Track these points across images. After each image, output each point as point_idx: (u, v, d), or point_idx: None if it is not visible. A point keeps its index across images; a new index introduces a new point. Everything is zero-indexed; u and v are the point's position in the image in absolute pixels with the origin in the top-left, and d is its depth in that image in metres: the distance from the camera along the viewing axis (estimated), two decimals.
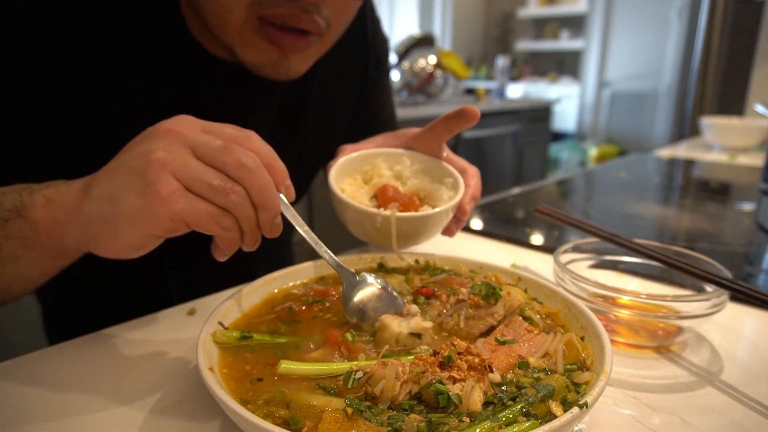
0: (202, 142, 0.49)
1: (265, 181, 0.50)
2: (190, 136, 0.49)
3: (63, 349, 0.62)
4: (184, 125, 0.50)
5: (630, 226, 1.19)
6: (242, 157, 0.49)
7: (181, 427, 0.48)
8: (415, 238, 0.76)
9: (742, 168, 1.95)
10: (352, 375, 0.45)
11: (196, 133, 0.50)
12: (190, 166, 0.48)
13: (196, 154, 0.49)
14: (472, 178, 0.78)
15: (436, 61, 3.68)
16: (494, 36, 7.48)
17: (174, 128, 0.50)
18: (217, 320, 0.55)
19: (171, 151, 0.48)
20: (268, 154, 0.52)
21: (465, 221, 0.77)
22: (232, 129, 0.52)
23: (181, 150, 0.48)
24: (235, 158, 0.49)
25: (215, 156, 0.49)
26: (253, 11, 0.65)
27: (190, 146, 0.49)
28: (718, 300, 0.62)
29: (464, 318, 0.58)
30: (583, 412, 0.41)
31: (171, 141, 0.49)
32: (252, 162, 0.49)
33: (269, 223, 0.51)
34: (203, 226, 0.49)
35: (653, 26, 5.61)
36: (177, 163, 0.47)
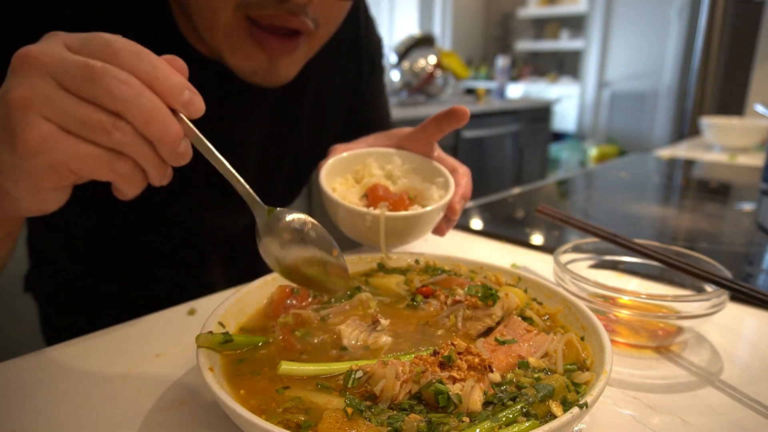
0: (63, 66, 0.40)
1: (152, 109, 0.40)
2: (49, 61, 0.40)
3: (63, 349, 0.62)
4: (41, 48, 0.40)
5: (630, 226, 1.19)
6: (113, 86, 0.39)
7: (181, 427, 0.48)
8: (405, 237, 0.76)
9: (742, 168, 1.95)
10: (352, 374, 0.45)
11: (57, 53, 0.40)
12: (57, 101, 0.39)
13: (62, 84, 0.40)
14: (462, 178, 0.78)
15: (436, 61, 3.68)
16: (494, 36, 7.48)
17: (30, 52, 0.40)
18: (217, 320, 0.55)
19: (31, 85, 0.39)
20: (148, 67, 0.41)
21: (455, 220, 0.78)
22: (101, 39, 0.41)
23: (43, 82, 0.39)
24: (106, 87, 0.39)
25: (82, 85, 0.39)
26: (240, 13, 0.65)
27: (53, 74, 0.40)
28: (718, 300, 0.62)
29: (461, 319, 0.58)
30: (583, 412, 0.41)
31: (30, 72, 0.40)
32: (127, 90, 0.39)
33: (173, 154, 0.43)
34: (96, 174, 0.42)
35: (653, 26, 5.62)
36: (39, 98, 0.39)
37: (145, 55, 0.41)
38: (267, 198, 0.98)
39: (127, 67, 0.40)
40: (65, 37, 0.42)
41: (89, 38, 0.41)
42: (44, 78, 0.39)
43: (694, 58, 3.75)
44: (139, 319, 0.70)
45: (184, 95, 0.43)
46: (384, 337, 0.55)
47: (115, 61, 0.40)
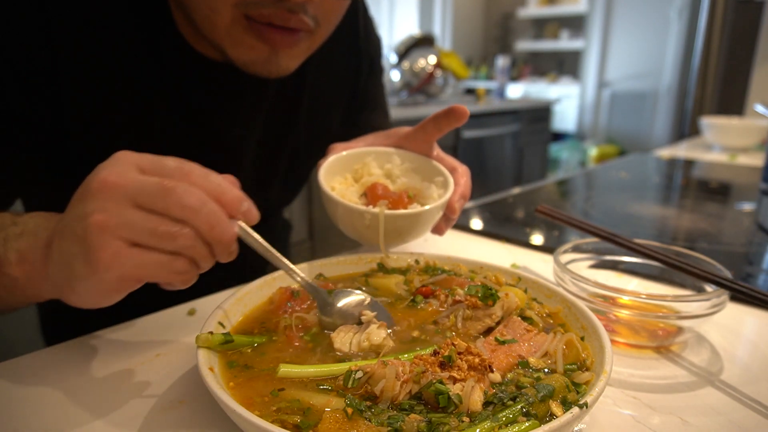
0: (139, 188, 0.45)
1: (214, 217, 0.46)
2: (126, 184, 0.45)
3: (63, 349, 0.62)
4: (118, 173, 0.46)
5: (630, 226, 1.19)
6: (184, 197, 0.45)
7: (181, 427, 0.48)
8: (404, 236, 0.76)
9: (742, 168, 1.95)
10: (352, 375, 0.45)
11: (132, 178, 0.46)
12: (131, 221, 0.45)
13: (136, 203, 0.45)
14: (462, 177, 0.78)
15: (436, 61, 3.68)
16: (494, 36, 7.48)
17: (108, 179, 0.45)
18: (217, 320, 0.55)
19: (108, 210, 0.44)
20: (215, 184, 0.48)
21: (455, 219, 0.78)
22: (174, 162, 0.48)
23: (118, 205, 0.45)
24: (177, 199, 0.45)
25: (155, 201, 0.45)
26: (239, 11, 0.65)
27: (129, 196, 0.45)
28: (718, 300, 0.62)
29: (461, 319, 0.58)
30: (583, 412, 0.41)
31: (106, 197, 0.45)
32: (195, 200, 0.45)
33: (225, 253, 0.49)
34: (158, 278, 0.48)
35: (653, 26, 5.62)
36: (116, 222, 0.44)
37: (212, 175, 0.48)
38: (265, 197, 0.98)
39: (197, 184, 0.47)
40: (138, 159, 0.48)
41: (161, 161, 0.48)
42: (121, 202, 0.45)
43: (694, 58, 3.75)
44: (139, 319, 0.70)
45: (243, 206, 0.50)
46: (379, 333, 0.54)
47: (186, 179, 0.47)
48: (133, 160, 0.47)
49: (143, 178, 0.46)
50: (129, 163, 0.47)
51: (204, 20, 0.67)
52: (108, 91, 0.72)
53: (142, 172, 0.47)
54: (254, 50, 0.69)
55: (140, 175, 0.46)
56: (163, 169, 0.47)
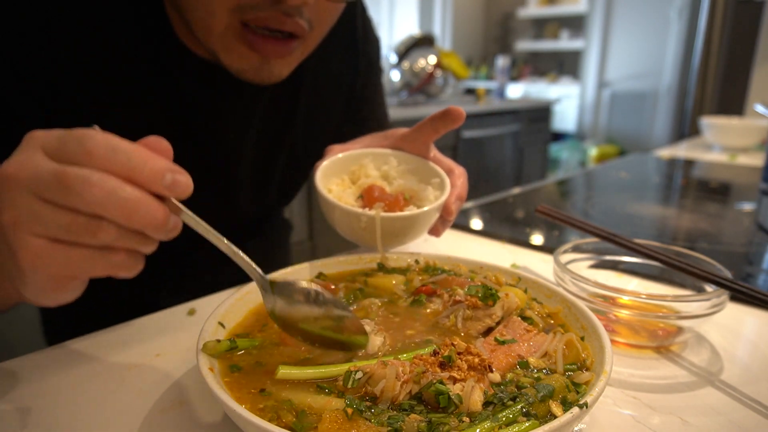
0: (40, 180, 0.40)
1: (128, 204, 0.40)
2: (29, 177, 0.40)
3: (63, 349, 0.62)
4: (19, 162, 0.41)
5: (630, 226, 1.19)
6: (85, 192, 0.39)
7: (180, 427, 0.48)
8: (401, 237, 0.76)
9: (742, 168, 1.95)
10: (352, 375, 0.45)
11: (33, 166, 0.40)
12: (40, 216, 0.40)
13: (40, 196, 0.40)
14: (458, 179, 0.78)
15: (436, 61, 3.68)
16: (494, 36, 7.48)
17: (8, 170, 0.41)
18: (217, 320, 0.55)
19: (15, 205, 0.40)
20: (122, 162, 0.40)
21: (451, 221, 0.78)
22: (75, 141, 0.41)
23: (25, 199, 0.40)
24: (77, 194, 0.39)
25: (58, 197, 0.40)
26: (236, 16, 0.65)
27: (33, 190, 0.40)
28: (718, 300, 0.62)
29: (462, 319, 0.58)
30: (583, 412, 0.41)
31: (11, 192, 0.40)
32: (98, 191, 0.39)
33: (162, 234, 0.42)
34: (94, 272, 0.43)
35: (653, 26, 5.62)
36: (25, 218, 0.40)
37: (120, 148, 0.40)
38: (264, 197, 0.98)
39: (101, 165, 0.40)
40: (43, 139, 0.42)
41: (64, 138, 0.41)
42: (24, 195, 0.40)
43: (694, 58, 3.75)
44: (139, 319, 0.70)
45: (166, 179, 0.41)
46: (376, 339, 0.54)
47: (89, 161, 0.40)
48: (39, 142, 0.41)
49: (43, 164, 0.40)
50: (34, 146, 0.41)
51: (199, 23, 0.67)
52: (104, 92, 0.72)
53: (46, 155, 0.41)
54: (245, 58, 0.69)
55: (43, 160, 0.41)
56: (65, 152, 0.40)
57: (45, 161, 0.40)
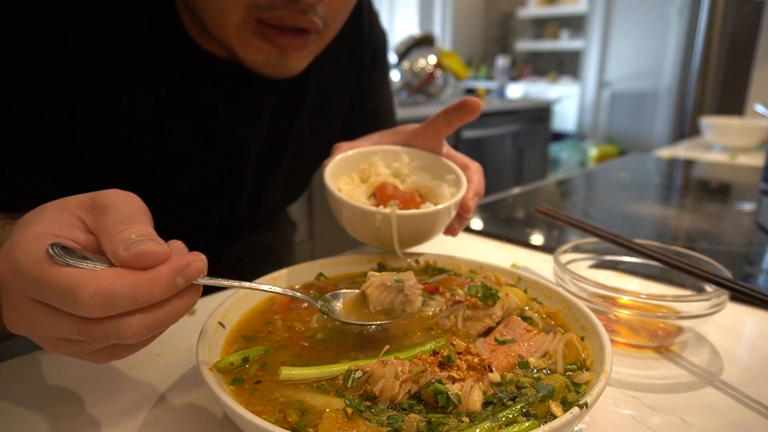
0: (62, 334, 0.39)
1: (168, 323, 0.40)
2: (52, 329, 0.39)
3: None
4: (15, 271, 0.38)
5: (630, 226, 1.19)
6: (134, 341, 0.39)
7: (181, 427, 0.48)
8: (417, 237, 0.72)
9: (742, 168, 1.95)
10: (352, 374, 0.45)
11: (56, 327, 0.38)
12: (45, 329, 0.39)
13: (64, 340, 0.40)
14: (474, 174, 0.75)
15: (436, 61, 3.68)
16: (494, 36, 7.48)
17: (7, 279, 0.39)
18: (217, 320, 0.55)
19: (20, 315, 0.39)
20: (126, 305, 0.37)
21: (469, 219, 0.75)
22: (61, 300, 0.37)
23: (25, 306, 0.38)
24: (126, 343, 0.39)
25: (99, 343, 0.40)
26: (250, 14, 0.65)
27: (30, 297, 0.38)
28: (718, 300, 0.62)
29: (462, 319, 0.58)
30: (583, 412, 0.41)
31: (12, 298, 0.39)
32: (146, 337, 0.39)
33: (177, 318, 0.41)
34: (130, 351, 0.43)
35: (653, 26, 5.61)
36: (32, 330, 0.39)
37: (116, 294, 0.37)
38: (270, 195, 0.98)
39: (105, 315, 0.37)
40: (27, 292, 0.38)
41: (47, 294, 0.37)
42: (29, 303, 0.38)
43: (694, 58, 3.75)
44: None
45: (177, 286, 0.39)
46: (415, 300, 0.58)
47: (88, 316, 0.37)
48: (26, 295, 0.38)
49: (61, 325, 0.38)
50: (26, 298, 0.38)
51: (213, 21, 0.67)
52: (116, 90, 0.72)
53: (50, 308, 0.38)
54: (263, 52, 0.70)
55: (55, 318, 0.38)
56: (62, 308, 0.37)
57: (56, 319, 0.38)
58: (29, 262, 0.37)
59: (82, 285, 0.36)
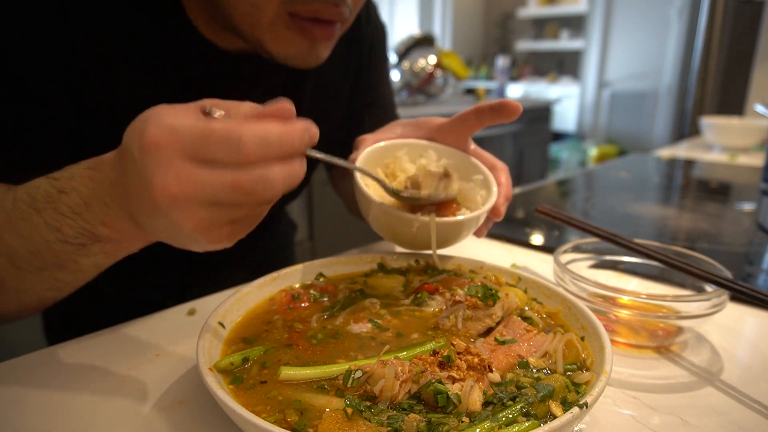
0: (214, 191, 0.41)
1: (292, 181, 0.44)
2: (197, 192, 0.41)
3: (63, 349, 0.62)
4: (177, 178, 0.41)
5: (630, 226, 1.19)
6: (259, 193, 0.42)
7: (181, 427, 0.48)
8: (450, 241, 0.71)
9: (742, 168, 1.95)
10: (352, 374, 0.45)
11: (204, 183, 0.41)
12: (203, 187, 0.41)
13: (217, 204, 0.42)
14: (502, 175, 0.73)
15: (436, 61, 3.68)
16: (494, 36, 7.48)
17: (175, 191, 0.41)
18: (217, 320, 0.55)
19: (197, 217, 0.42)
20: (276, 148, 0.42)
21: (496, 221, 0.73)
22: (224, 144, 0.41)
23: (182, 167, 0.41)
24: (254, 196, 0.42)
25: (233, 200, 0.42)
26: (284, 8, 0.66)
27: (203, 201, 0.42)
28: (718, 300, 0.62)
29: (462, 319, 0.58)
30: (583, 412, 0.41)
31: (187, 204, 0.41)
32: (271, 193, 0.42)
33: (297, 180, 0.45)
34: (245, 233, 0.48)
35: (653, 26, 5.62)
36: (212, 221, 0.43)
37: (269, 139, 0.42)
38: None
39: (260, 159, 0.42)
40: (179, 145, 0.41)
41: (207, 142, 0.41)
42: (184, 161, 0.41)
43: (694, 58, 3.75)
44: (139, 319, 0.70)
45: (306, 139, 0.45)
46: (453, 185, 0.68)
47: (249, 161, 0.42)
48: (176, 148, 0.41)
49: (214, 179, 0.41)
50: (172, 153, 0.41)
51: (244, 17, 0.68)
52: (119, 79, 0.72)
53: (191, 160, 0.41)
54: (295, 45, 0.70)
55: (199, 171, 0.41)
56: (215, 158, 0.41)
57: (211, 176, 0.41)
58: (188, 121, 0.41)
59: (242, 129, 0.41)
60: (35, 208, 0.52)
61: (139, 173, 0.42)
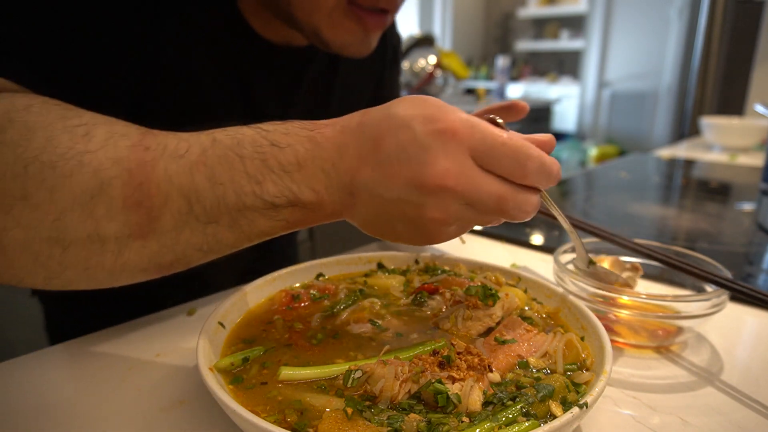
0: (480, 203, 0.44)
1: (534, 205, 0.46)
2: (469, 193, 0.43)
3: (62, 349, 0.62)
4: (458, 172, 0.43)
5: (630, 226, 1.19)
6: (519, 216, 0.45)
7: (181, 427, 0.48)
8: None
9: (742, 168, 1.95)
10: (352, 374, 0.45)
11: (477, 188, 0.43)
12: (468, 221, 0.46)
13: (476, 210, 0.44)
14: None
15: (436, 61, 3.68)
16: (494, 36, 7.48)
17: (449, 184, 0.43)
18: (217, 320, 0.55)
19: (448, 211, 0.44)
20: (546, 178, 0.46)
21: None
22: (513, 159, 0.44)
23: (458, 209, 0.44)
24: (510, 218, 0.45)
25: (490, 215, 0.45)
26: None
27: (470, 205, 0.44)
28: (718, 300, 0.62)
29: (462, 319, 0.58)
30: (583, 412, 0.41)
31: (447, 202, 0.43)
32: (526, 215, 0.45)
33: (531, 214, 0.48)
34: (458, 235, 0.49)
35: (653, 26, 5.61)
36: (453, 221, 0.45)
37: (547, 165, 0.44)
38: None
39: (531, 183, 0.45)
40: (470, 142, 0.43)
41: (498, 151, 0.43)
42: (459, 205, 0.44)
43: (694, 58, 3.75)
44: (139, 319, 0.70)
45: (558, 175, 0.47)
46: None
47: (523, 179, 0.44)
48: (467, 144, 0.43)
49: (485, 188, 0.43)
50: (462, 149, 0.43)
51: (303, 4, 0.68)
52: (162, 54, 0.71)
53: (478, 165, 0.44)
54: (351, 33, 0.72)
55: (483, 178, 0.43)
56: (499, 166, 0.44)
57: (486, 181, 0.43)
58: (486, 125, 0.43)
59: (531, 151, 0.43)
60: (239, 155, 0.46)
61: (416, 149, 0.43)
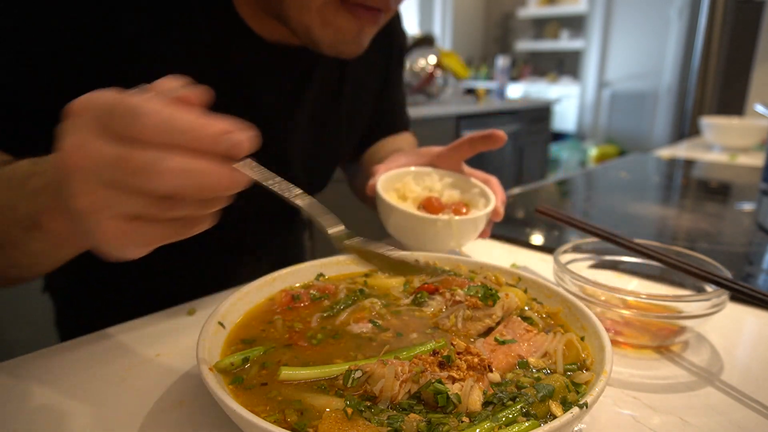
0: (105, 169, 0.38)
1: (198, 179, 0.38)
2: (93, 165, 0.38)
3: (63, 349, 0.62)
4: (79, 149, 0.38)
5: (630, 226, 1.19)
6: (153, 178, 0.37)
7: (181, 427, 0.48)
8: (466, 238, 0.85)
9: (742, 168, 1.95)
10: (352, 374, 0.45)
11: (97, 155, 0.38)
12: (115, 203, 0.39)
13: (112, 185, 0.39)
14: (496, 186, 0.88)
15: (436, 61, 3.68)
16: (494, 36, 7.48)
17: (72, 163, 0.38)
18: (217, 320, 0.55)
19: (87, 194, 0.39)
20: (178, 138, 0.38)
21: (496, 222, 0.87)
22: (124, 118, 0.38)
23: (95, 188, 0.38)
24: (147, 182, 0.38)
25: (126, 184, 0.38)
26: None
27: (101, 179, 0.39)
28: (718, 300, 0.62)
29: (462, 319, 0.58)
30: (583, 412, 0.41)
31: (79, 183, 0.39)
32: (168, 176, 0.37)
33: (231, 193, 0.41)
34: (172, 240, 0.43)
35: (653, 26, 5.62)
36: (100, 205, 0.39)
37: (175, 123, 0.38)
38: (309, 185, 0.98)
39: (160, 142, 0.38)
40: (91, 114, 0.39)
41: (114, 112, 0.38)
42: (93, 184, 0.39)
43: (694, 58, 3.75)
44: (139, 319, 0.70)
45: (223, 144, 0.39)
46: None
47: (147, 137, 0.38)
48: (89, 117, 0.39)
49: (103, 151, 0.38)
50: (85, 124, 0.39)
51: (293, 3, 0.68)
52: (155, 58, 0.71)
53: (100, 135, 0.38)
54: (342, 31, 0.71)
55: (101, 144, 0.38)
56: (119, 129, 0.38)
57: (103, 145, 0.38)
58: (107, 93, 0.39)
59: (147, 106, 0.37)
60: (9, 184, 0.51)
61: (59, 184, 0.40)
